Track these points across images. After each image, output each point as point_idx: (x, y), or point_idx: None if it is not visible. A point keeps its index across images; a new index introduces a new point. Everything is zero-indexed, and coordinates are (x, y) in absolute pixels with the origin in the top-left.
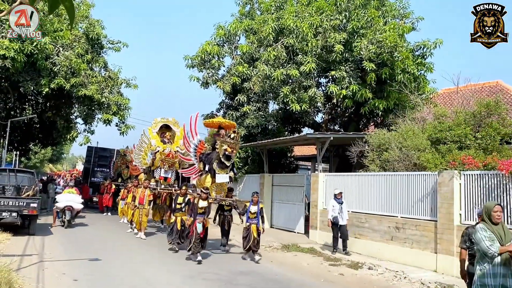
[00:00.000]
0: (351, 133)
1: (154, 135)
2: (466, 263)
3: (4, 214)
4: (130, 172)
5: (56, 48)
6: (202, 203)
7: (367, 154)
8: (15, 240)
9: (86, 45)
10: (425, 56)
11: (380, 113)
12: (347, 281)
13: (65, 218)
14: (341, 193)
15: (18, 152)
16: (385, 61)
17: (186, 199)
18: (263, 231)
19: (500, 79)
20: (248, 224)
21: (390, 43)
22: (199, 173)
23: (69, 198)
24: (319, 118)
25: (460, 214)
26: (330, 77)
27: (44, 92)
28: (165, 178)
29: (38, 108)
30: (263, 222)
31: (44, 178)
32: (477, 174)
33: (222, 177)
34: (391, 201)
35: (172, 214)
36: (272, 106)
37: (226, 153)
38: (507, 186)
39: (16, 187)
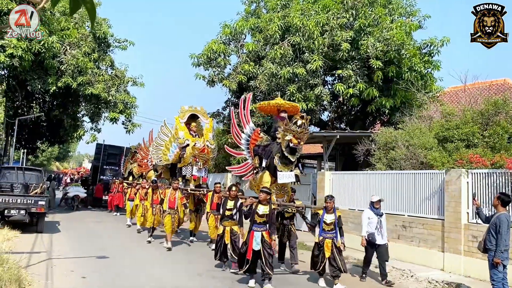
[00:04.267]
0: (358, 131)
1: (182, 125)
2: None
3: (12, 211)
4: (138, 169)
5: (63, 47)
6: (263, 209)
7: (374, 153)
8: (24, 237)
9: (93, 44)
10: (432, 54)
11: (386, 111)
12: (354, 279)
13: (74, 203)
14: (380, 200)
15: (25, 150)
16: (392, 59)
17: (238, 203)
18: (344, 247)
19: (508, 77)
20: (321, 238)
21: (397, 41)
22: (254, 171)
23: (76, 190)
24: (325, 116)
25: (468, 213)
26: (336, 75)
27: (51, 91)
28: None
29: (45, 106)
30: (342, 235)
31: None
32: (484, 173)
33: (286, 176)
34: (398, 200)
35: (219, 224)
36: None
37: (291, 145)
38: None
39: (24, 185)
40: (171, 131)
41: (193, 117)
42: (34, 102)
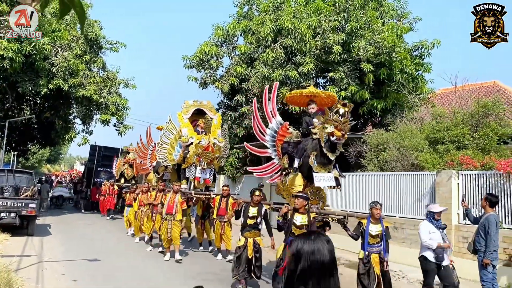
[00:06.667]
0: (349, 133)
1: (185, 122)
2: None
3: (2, 214)
4: (138, 171)
5: (55, 49)
6: (300, 219)
7: (365, 154)
8: (14, 240)
9: (84, 46)
10: (423, 57)
11: (378, 113)
12: (346, 281)
13: (59, 202)
14: (441, 211)
15: (16, 153)
16: (383, 61)
17: (263, 210)
18: (387, 266)
19: (497, 79)
20: (366, 253)
21: (388, 44)
22: (283, 173)
23: (60, 190)
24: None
25: (458, 214)
26: (328, 78)
27: (42, 93)
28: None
29: (36, 108)
30: (388, 250)
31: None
32: (475, 174)
33: (324, 178)
34: (390, 201)
35: (240, 234)
36: None
37: (332, 139)
38: (505, 186)
39: (15, 187)
40: (176, 128)
41: (200, 113)
42: (25, 104)
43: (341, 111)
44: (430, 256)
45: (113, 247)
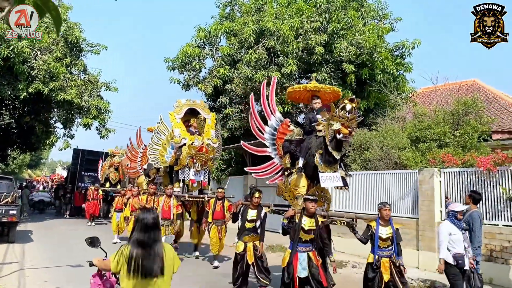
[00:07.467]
0: None
1: (178, 122)
2: None
3: None
4: (129, 174)
5: (34, 52)
6: (308, 223)
7: (349, 154)
8: None
9: (64, 49)
10: (404, 56)
11: (360, 113)
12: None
13: (40, 206)
14: (462, 211)
15: None
16: (365, 62)
17: (262, 213)
18: (405, 270)
19: (477, 77)
20: (377, 257)
21: (370, 44)
22: (285, 173)
23: (41, 195)
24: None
25: (441, 211)
26: (311, 78)
27: (21, 97)
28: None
29: (16, 113)
30: (400, 253)
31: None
32: (456, 172)
33: (330, 178)
34: (373, 200)
35: (237, 239)
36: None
37: (338, 136)
38: (485, 182)
39: None
40: (168, 128)
41: (193, 113)
42: (3, 108)
43: (348, 107)
44: (450, 259)
45: (97, 253)
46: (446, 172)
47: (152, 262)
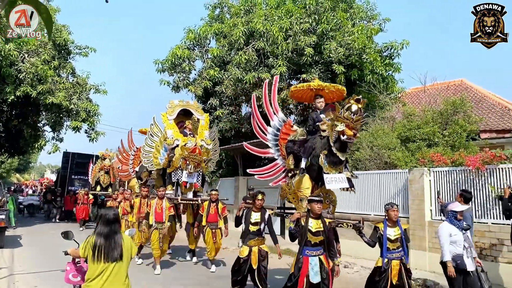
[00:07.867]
0: None
1: (170, 123)
2: None
3: None
4: (120, 177)
5: (21, 55)
6: (316, 225)
7: None
8: None
9: (52, 51)
10: (393, 57)
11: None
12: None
13: (30, 210)
14: (463, 211)
15: None
16: (354, 62)
17: (266, 215)
18: (410, 273)
19: (465, 77)
20: (386, 260)
21: (359, 45)
22: (289, 174)
23: (30, 199)
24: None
25: (431, 210)
26: (301, 79)
27: (9, 100)
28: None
29: (3, 116)
30: (408, 255)
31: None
32: (445, 171)
33: (336, 180)
34: (364, 200)
35: (242, 242)
36: (245, 109)
37: (343, 138)
38: (474, 181)
39: None
40: (161, 130)
41: (186, 114)
42: None
43: (354, 107)
44: (455, 261)
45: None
46: (436, 172)
47: (113, 249)
